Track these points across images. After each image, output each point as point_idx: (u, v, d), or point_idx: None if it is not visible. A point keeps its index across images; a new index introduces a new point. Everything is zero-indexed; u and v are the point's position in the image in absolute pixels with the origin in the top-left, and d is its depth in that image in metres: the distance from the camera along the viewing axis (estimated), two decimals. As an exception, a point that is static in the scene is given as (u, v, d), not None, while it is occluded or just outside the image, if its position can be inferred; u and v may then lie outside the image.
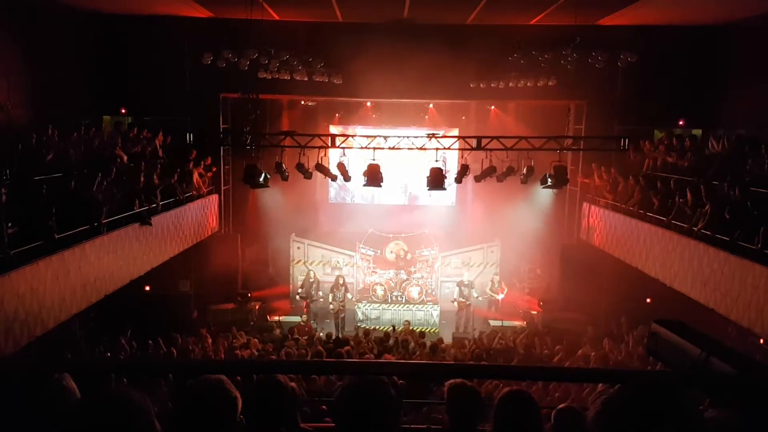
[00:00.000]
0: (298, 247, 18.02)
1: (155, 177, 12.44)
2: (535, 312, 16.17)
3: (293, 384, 3.40)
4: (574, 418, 3.99)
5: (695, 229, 10.58)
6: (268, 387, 2.95)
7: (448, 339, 14.73)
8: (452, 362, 11.30)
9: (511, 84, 15.40)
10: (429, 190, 14.39)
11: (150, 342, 11.96)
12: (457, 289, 16.39)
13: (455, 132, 17.31)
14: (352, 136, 15.32)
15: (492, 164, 14.37)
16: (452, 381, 3.46)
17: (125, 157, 12.29)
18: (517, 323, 16.09)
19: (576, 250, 16.30)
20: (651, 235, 12.32)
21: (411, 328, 15.39)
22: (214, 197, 16.25)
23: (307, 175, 14.93)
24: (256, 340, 13.25)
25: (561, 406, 4.24)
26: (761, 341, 11.15)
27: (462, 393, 3.37)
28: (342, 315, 15.93)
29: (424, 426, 6.48)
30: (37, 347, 8.28)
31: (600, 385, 3.12)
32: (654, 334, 3.40)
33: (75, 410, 1.44)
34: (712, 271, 9.91)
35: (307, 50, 14.87)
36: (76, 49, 14.31)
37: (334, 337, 13.90)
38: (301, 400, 4.16)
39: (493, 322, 16.18)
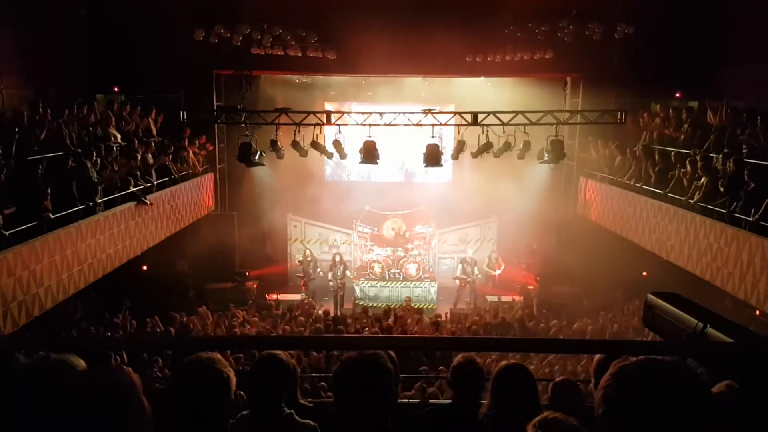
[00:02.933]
0: (295, 226, 18.03)
1: (150, 156, 12.39)
2: (532, 287, 16.27)
3: (293, 361, 3.44)
4: (571, 390, 4.05)
5: (692, 201, 10.62)
6: (268, 363, 2.98)
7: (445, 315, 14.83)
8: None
9: (507, 57, 15.28)
10: (426, 166, 14.36)
11: (148, 321, 12.02)
12: (459, 266, 16.45)
13: (451, 108, 17.20)
14: (348, 112, 15.24)
15: (488, 140, 14.32)
16: (458, 358, 3.51)
17: (119, 136, 12.22)
18: (514, 298, 16.19)
19: (573, 225, 16.35)
20: (648, 209, 12.36)
21: (411, 304, 15.47)
22: (210, 176, 16.21)
23: (303, 153, 14.86)
24: (255, 318, 13.33)
25: (558, 378, 4.31)
26: (757, 313, 11.25)
27: (467, 369, 3.42)
28: (341, 293, 16.01)
29: (421, 399, 6.57)
30: (35, 327, 8.31)
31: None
32: (650, 306, 3.43)
33: (60, 390, 1.44)
34: (709, 243, 9.97)
35: (300, 24, 14.71)
36: (68, 27, 14.11)
37: (332, 314, 14.00)
38: (300, 376, 4.22)
39: (489, 298, 16.29)
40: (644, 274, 14.68)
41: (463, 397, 3.45)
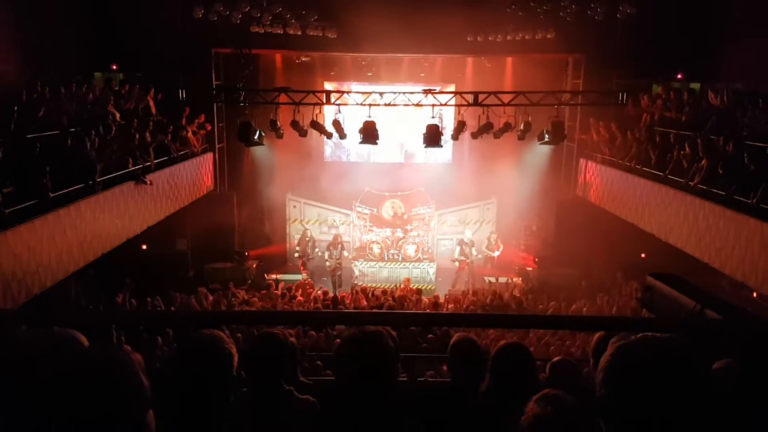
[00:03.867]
0: (294, 206, 18.02)
1: (147, 135, 12.34)
2: (531, 268, 16.32)
3: (293, 339, 3.46)
4: (568, 369, 4.07)
5: (691, 183, 10.62)
6: (268, 341, 3.00)
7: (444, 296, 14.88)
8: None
9: (509, 37, 15.17)
10: (425, 147, 14.34)
11: (149, 300, 12.05)
12: (458, 247, 16.46)
13: (452, 88, 17.13)
14: (348, 92, 15.16)
15: (489, 120, 14.26)
16: (456, 337, 3.52)
17: (118, 115, 12.16)
18: (512, 279, 16.24)
19: (572, 207, 16.35)
20: (647, 191, 12.36)
21: (410, 285, 15.49)
22: (209, 155, 16.15)
23: (302, 133, 14.81)
24: (255, 298, 13.36)
25: (556, 358, 4.33)
26: (755, 295, 11.31)
27: (465, 348, 3.43)
28: (339, 273, 16.04)
29: (422, 378, 6.63)
30: (35, 306, 8.33)
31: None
32: (649, 287, 3.46)
33: (61, 364, 1.44)
34: (708, 225, 9.98)
35: (299, 2, 14.56)
36: (66, 4, 13.96)
37: (331, 295, 14.04)
38: (300, 355, 4.27)
39: (488, 279, 16.34)
40: (643, 255, 14.72)
41: (461, 376, 3.47)
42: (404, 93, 14.42)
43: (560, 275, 14.98)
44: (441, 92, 15.02)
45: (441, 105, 14.30)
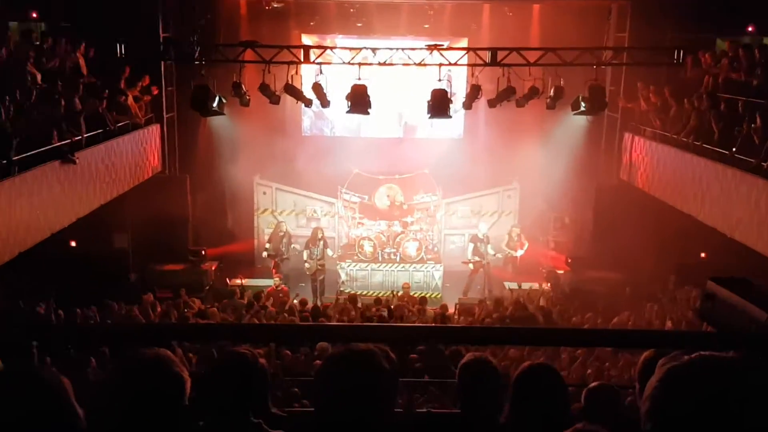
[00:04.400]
0: (264, 193, 18.00)
1: (77, 101, 12.29)
2: (562, 271, 16.37)
3: (262, 360, 3.46)
4: (608, 397, 4.10)
5: (764, 164, 10.64)
6: (232, 363, 3.00)
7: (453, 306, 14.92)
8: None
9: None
10: (430, 118, 14.34)
11: (79, 311, 12.05)
12: (471, 245, 16.45)
13: (464, 43, 17.10)
14: (332, 48, 15.12)
15: (510, 84, 14.27)
16: (467, 357, 3.51)
17: (39, 75, 12.10)
18: (539, 285, 16.27)
19: (614, 194, 16.41)
20: (709, 173, 12.39)
21: (410, 293, 15.50)
22: (155, 128, 16.12)
23: (274, 100, 14.78)
24: (214, 309, 13.38)
25: (593, 384, 4.36)
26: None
27: (479, 369, 3.42)
28: (321, 277, 16.05)
29: (424, 410, 6.65)
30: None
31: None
32: (709, 295, 3.47)
33: None
34: (786, 218, 10.03)
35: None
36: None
37: (311, 304, 14.05)
38: (272, 380, 4.27)
39: (509, 285, 16.37)
40: (702, 255, 14.79)
41: (473, 405, 3.48)
42: (403, 49, 14.39)
43: (599, 280, 15.05)
44: (450, 48, 14.99)
45: (450, 65, 14.27)
